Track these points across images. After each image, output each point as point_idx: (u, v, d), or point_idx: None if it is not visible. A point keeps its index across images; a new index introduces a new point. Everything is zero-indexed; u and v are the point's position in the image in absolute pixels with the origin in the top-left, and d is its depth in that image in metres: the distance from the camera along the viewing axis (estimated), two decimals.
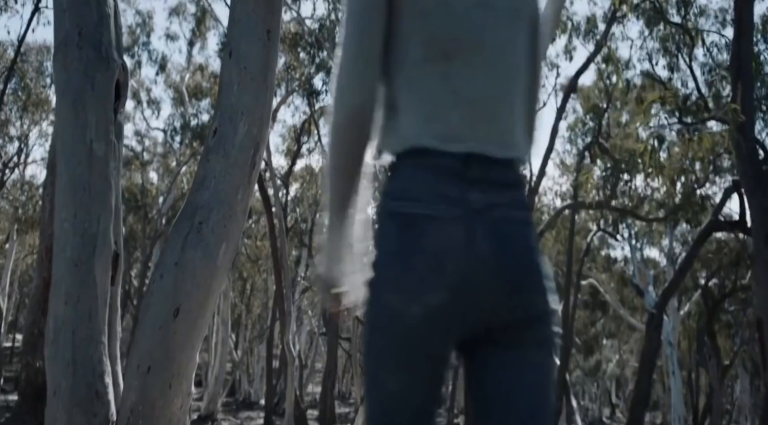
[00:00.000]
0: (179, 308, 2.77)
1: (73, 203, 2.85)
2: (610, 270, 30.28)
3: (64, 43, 2.93)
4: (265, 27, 2.88)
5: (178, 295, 2.78)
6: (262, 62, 2.91)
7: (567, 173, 22.15)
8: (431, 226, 1.38)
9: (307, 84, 21.48)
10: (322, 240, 1.51)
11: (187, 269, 2.80)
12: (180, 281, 2.78)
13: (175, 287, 2.78)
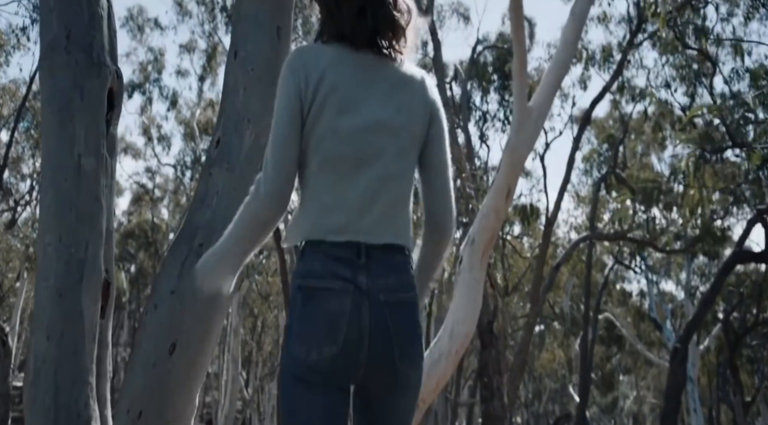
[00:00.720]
0: (175, 343, 2.41)
1: (57, 225, 2.51)
2: (626, 304, 29.67)
3: (50, 46, 2.61)
4: (274, 24, 2.55)
5: (175, 328, 2.42)
6: (272, 63, 2.58)
7: (582, 205, 21.75)
8: (328, 295, 1.82)
9: None
10: (216, 254, 2.01)
11: (185, 298, 2.44)
12: (177, 313, 2.43)
13: (170, 319, 2.42)
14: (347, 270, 1.83)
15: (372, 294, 1.83)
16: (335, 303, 1.81)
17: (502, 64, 18.43)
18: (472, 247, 8.97)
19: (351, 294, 1.82)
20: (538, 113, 8.67)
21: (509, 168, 8.69)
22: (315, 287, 1.83)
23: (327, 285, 1.82)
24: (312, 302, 1.82)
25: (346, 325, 1.80)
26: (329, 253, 1.84)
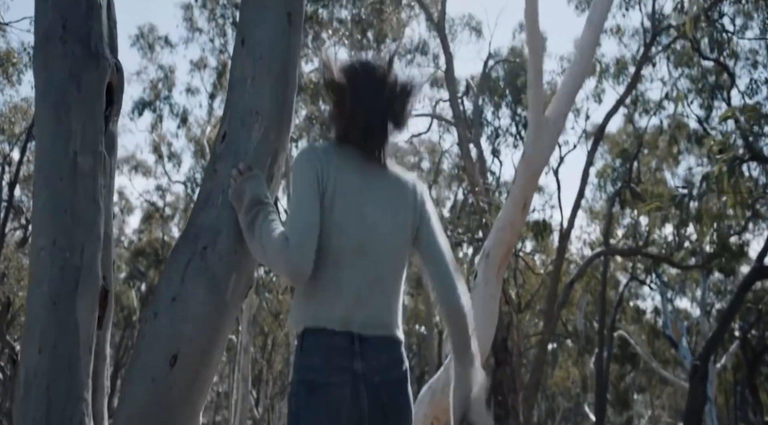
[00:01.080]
0: (177, 355, 2.21)
1: (52, 228, 2.32)
2: (641, 322, 29.27)
3: (45, 37, 2.43)
4: (284, 9, 2.37)
5: (176, 339, 2.22)
6: (282, 52, 2.39)
7: (596, 221, 21.47)
8: (329, 389, 2.02)
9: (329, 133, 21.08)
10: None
11: (187, 305, 2.24)
12: (178, 322, 2.22)
13: (172, 328, 2.21)
14: (344, 359, 2.05)
15: (368, 377, 2.06)
16: (336, 394, 2.02)
17: (514, 79, 18.29)
18: (487, 261, 8.74)
19: (350, 383, 2.04)
20: (554, 124, 8.46)
21: (525, 180, 8.47)
22: (316, 382, 2.03)
23: (328, 380, 2.03)
24: (315, 396, 2.02)
25: (347, 411, 2.02)
26: (328, 343, 2.06)
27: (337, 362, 2.04)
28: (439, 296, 2.20)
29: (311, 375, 2.04)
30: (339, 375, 2.03)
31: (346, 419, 2.01)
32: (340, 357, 2.05)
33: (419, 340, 33.38)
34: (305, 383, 2.04)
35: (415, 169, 27.78)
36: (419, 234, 2.24)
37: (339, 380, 2.03)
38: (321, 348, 2.05)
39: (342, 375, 2.03)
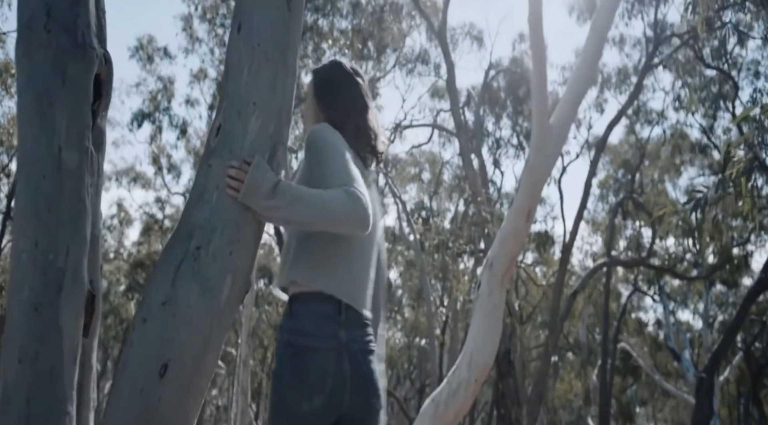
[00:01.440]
0: (167, 364, 2.04)
1: (34, 229, 2.15)
2: (643, 334, 29.06)
3: (27, 26, 2.27)
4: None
5: (167, 346, 2.04)
6: (281, 38, 2.23)
7: (599, 232, 21.30)
8: (316, 354, 2.14)
9: None
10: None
11: (179, 310, 2.07)
12: (169, 328, 2.05)
13: (162, 335, 2.04)
14: (331, 327, 2.16)
15: (350, 346, 2.17)
16: (323, 359, 2.12)
17: (515, 89, 18.17)
18: (491, 271, 8.56)
19: (335, 350, 2.14)
20: (559, 131, 8.31)
21: (529, 188, 8.30)
22: (305, 346, 2.13)
23: (315, 345, 2.13)
24: (301, 358, 2.12)
25: (331, 376, 2.13)
26: (318, 310, 2.18)
27: (325, 329, 2.15)
28: (376, 300, 2.41)
29: (300, 340, 2.14)
30: (326, 341, 2.14)
31: (330, 383, 2.12)
32: (327, 324, 2.15)
33: (420, 353, 33.13)
34: (294, 346, 2.14)
35: (415, 180, 27.64)
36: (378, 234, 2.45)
37: (326, 345, 2.14)
38: (311, 314, 2.17)
39: (329, 341, 2.14)
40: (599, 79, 16.12)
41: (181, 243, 2.15)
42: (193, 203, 2.20)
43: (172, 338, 2.06)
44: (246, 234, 2.21)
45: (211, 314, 2.12)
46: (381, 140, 2.45)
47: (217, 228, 2.16)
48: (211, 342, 2.13)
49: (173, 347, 2.06)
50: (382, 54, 21.64)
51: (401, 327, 34.94)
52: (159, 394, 2.03)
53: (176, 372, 2.05)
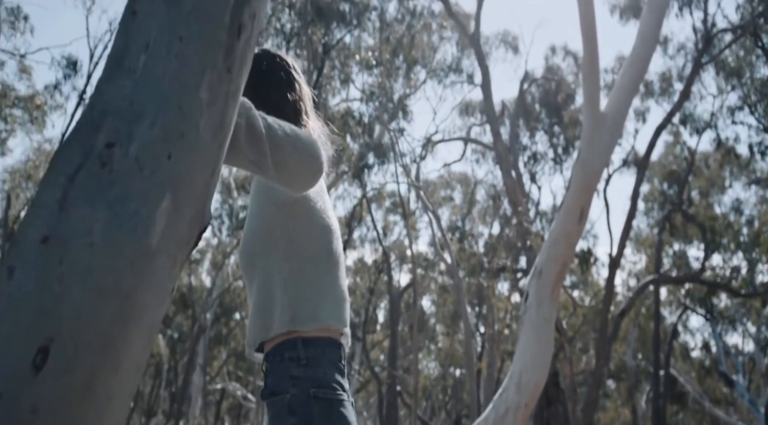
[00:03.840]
0: (48, 348, 1.12)
1: None
2: (689, 358, 27.62)
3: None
4: None
5: (48, 318, 1.14)
6: None
7: (643, 248, 20.12)
8: (345, 410, 1.85)
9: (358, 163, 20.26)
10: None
11: (70, 253, 1.17)
12: (52, 284, 1.14)
13: (39, 297, 1.14)
14: (341, 374, 1.90)
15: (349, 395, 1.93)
16: (352, 415, 1.86)
17: (552, 98, 17.26)
18: (540, 280, 7.54)
19: (351, 404, 1.89)
20: (613, 120, 7.34)
21: (581, 185, 7.31)
22: (334, 399, 1.84)
23: (342, 396, 1.85)
24: (335, 415, 1.82)
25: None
26: (331, 354, 1.89)
27: (339, 379, 1.89)
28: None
29: (329, 393, 1.84)
30: (345, 393, 1.89)
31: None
32: (339, 373, 1.90)
33: (455, 382, 32.00)
34: (322, 401, 1.82)
35: (447, 202, 26.74)
36: None
37: (347, 398, 1.89)
38: (327, 362, 1.88)
39: (345, 393, 1.89)
40: (641, 87, 15.12)
41: (82, 138, 1.24)
42: (108, 74, 1.30)
43: (58, 302, 1.14)
44: (198, 127, 1.30)
45: (129, 261, 1.20)
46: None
47: (144, 114, 1.25)
48: (132, 312, 1.21)
49: (59, 318, 1.14)
50: (412, 70, 20.92)
51: (435, 356, 33.89)
52: (32, 401, 1.11)
53: (63, 363, 1.14)
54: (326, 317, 1.90)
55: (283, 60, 2.12)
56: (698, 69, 13.05)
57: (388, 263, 23.34)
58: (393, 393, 22.38)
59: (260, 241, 1.96)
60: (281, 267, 1.93)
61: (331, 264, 1.96)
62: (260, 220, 1.97)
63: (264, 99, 1.94)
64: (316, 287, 1.92)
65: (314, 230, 1.94)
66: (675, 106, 13.99)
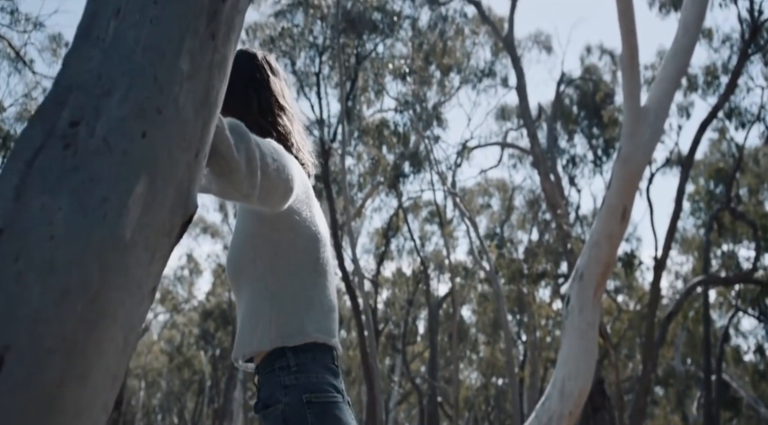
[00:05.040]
0: (3, 355, 0.96)
1: None
2: (742, 362, 26.85)
3: None
4: None
5: (2, 319, 0.98)
6: None
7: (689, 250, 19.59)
8: (341, 411, 1.81)
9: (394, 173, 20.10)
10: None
11: (28, 246, 1.00)
12: (8, 282, 0.99)
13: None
14: (336, 379, 1.86)
15: (346, 397, 1.90)
16: (348, 414, 1.83)
17: (590, 99, 16.91)
18: (581, 283, 7.25)
19: (347, 403, 1.86)
20: (655, 114, 7.04)
21: (623, 183, 7.02)
22: (328, 402, 1.80)
23: (336, 398, 1.82)
24: (330, 417, 1.79)
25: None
26: (322, 360, 1.85)
27: (332, 381, 1.86)
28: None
29: (322, 396, 1.80)
30: (339, 395, 1.85)
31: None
32: (332, 375, 1.87)
33: (498, 392, 31.60)
34: (317, 405, 1.79)
35: (484, 209, 26.44)
36: None
37: (342, 400, 1.85)
38: (318, 366, 1.85)
39: (340, 395, 1.85)
40: (684, 81, 14.72)
41: (42, 119, 1.08)
42: (74, 47, 1.14)
43: (14, 304, 0.99)
44: (177, 101, 1.14)
45: (97, 255, 1.04)
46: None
47: (114, 87, 1.09)
48: (103, 313, 1.05)
49: (16, 322, 0.98)
50: (446, 76, 20.74)
51: (476, 365, 33.54)
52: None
53: (22, 373, 0.98)
54: (313, 330, 1.86)
55: (255, 58, 2.07)
56: (745, 60, 12.62)
57: (426, 273, 23.11)
58: (434, 404, 22.09)
59: (245, 255, 1.92)
60: (267, 281, 1.89)
61: (318, 274, 1.93)
62: (245, 234, 1.93)
63: (231, 99, 1.88)
64: (302, 300, 1.88)
65: (300, 242, 1.89)
66: (720, 99, 13.56)
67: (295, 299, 1.88)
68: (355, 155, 21.96)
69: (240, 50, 2.06)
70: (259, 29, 19.91)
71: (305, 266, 1.90)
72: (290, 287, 1.89)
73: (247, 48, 2.12)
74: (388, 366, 29.82)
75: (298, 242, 1.89)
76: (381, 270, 25.71)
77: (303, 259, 1.90)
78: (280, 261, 1.88)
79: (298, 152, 2.00)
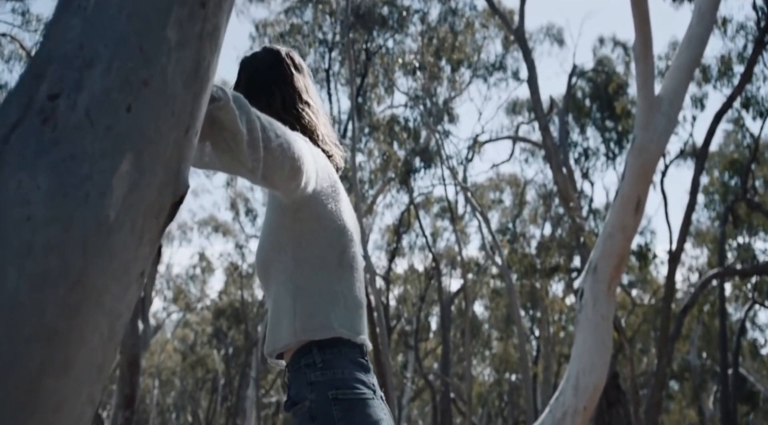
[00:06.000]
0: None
1: None
2: (759, 355, 26.61)
3: None
4: None
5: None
6: None
7: (703, 243, 19.42)
8: (370, 407, 1.74)
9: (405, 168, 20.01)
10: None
11: (3, 226, 0.94)
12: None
13: None
14: (365, 374, 1.81)
15: (378, 392, 1.83)
16: (377, 408, 1.76)
17: (603, 91, 16.77)
18: (595, 276, 7.16)
19: (379, 399, 1.80)
20: (669, 103, 6.94)
21: (637, 174, 6.93)
22: (356, 398, 1.74)
23: (365, 394, 1.76)
24: (358, 414, 1.72)
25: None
26: (349, 355, 1.81)
27: (361, 376, 1.79)
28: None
29: (349, 393, 1.74)
30: (369, 390, 1.78)
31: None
32: (361, 370, 1.81)
33: (511, 388, 31.49)
34: (343, 401, 1.73)
35: (496, 205, 26.32)
36: None
37: (371, 395, 1.77)
38: (345, 360, 1.80)
39: (369, 390, 1.78)
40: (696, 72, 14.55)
41: (20, 93, 1.01)
42: (55, 17, 1.07)
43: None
44: (165, 73, 1.06)
45: (79, 237, 0.97)
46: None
47: (97, 58, 1.02)
48: (86, 300, 0.97)
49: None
50: (457, 71, 20.63)
51: (490, 361, 33.46)
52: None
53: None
54: (339, 326, 1.82)
55: (278, 54, 2.06)
56: (761, 48, 12.44)
57: (438, 269, 23.02)
58: (447, 400, 22.01)
59: (272, 248, 1.88)
60: (292, 274, 1.85)
61: (343, 269, 1.88)
62: (271, 226, 1.90)
63: (254, 95, 1.90)
64: (327, 295, 1.84)
65: (324, 234, 1.85)
66: (736, 89, 13.39)
67: (319, 293, 1.84)
68: (366, 152, 21.89)
69: (263, 47, 2.09)
70: (269, 26, 19.86)
71: (330, 259, 1.85)
72: (314, 281, 1.84)
73: (271, 45, 2.10)
74: (401, 362, 29.76)
75: (323, 234, 1.84)
76: (393, 267, 25.65)
77: (328, 252, 1.85)
78: (304, 253, 1.84)
79: (325, 144, 1.97)
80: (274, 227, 1.88)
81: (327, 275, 1.85)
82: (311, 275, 1.84)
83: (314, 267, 1.84)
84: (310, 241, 1.84)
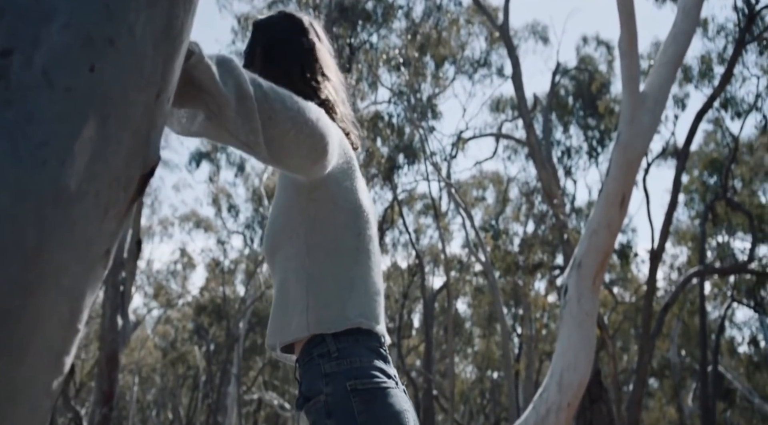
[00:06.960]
0: None
1: None
2: (736, 354, 26.82)
3: None
4: None
5: None
6: None
7: (683, 242, 19.51)
8: (391, 396, 1.61)
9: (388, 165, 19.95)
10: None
11: None
12: None
13: None
14: (385, 363, 1.68)
15: (399, 383, 1.71)
16: (400, 398, 1.63)
17: (586, 90, 16.80)
18: (579, 272, 7.11)
19: (399, 388, 1.67)
20: (655, 100, 6.90)
21: (622, 170, 6.89)
22: (376, 388, 1.61)
23: (386, 383, 1.62)
24: (378, 404, 1.59)
25: (412, 416, 1.64)
26: (368, 345, 1.67)
27: (380, 365, 1.65)
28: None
29: (369, 383, 1.60)
30: (389, 379, 1.64)
31: (414, 421, 1.63)
32: (380, 360, 1.66)
33: (493, 385, 31.56)
34: (363, 392, 1.59)
35: (479, 203, 26.33)
36: None
37: (392, 383, 1.63)
38: (364, 349, 1.65)
39: (390, 379, 1.64)
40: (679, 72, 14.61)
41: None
42: None
43: None
44: (132, 32, 0.97)
45: (35, 207, 0.88)
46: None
47: (56, 11, 0.92)
48: (42, 277, 0.88)
49: None
50: (441, 67, 20.59)
51: (472, 359, 33.52)
52: None
53: None
54: (356, 315, 1.67)
55: (300, 22, 1.91)
56: (741, 49, 12.49)
57: (421, 266, 22.99)
58: (429, 397, 21.99)
59: (282, 230, 1.74)
60: (304, 260, 1.70)
61: (360, 252, 1.73)
62: (281, 207, 1.76)
63: (271, 65, 1.81)
64: (343, 281, 1.70)
65: (340, 215, 1.71)
66: (716, 89, 13.43)
67: (335, 280, 1.70)
68: None
69: (283, 13, 1.94)
70: (252, 20, 19.74)
71: (346, 242, 1.71)
72: (329, 266, 1.70)
73: (293, 11, 1.96)
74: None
75: (339, 215, 1.71)
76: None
77: (344, 235, 1.71)
78: (318, 237, 1.70)
79: (342, 122, 1.82)
80: (286, 208, 1.74)
81: (342, 259, 1.71)
82: (325, 260, 1.70)
83: (328, 252, 1.70)
84: (324, 223, 1.70)
